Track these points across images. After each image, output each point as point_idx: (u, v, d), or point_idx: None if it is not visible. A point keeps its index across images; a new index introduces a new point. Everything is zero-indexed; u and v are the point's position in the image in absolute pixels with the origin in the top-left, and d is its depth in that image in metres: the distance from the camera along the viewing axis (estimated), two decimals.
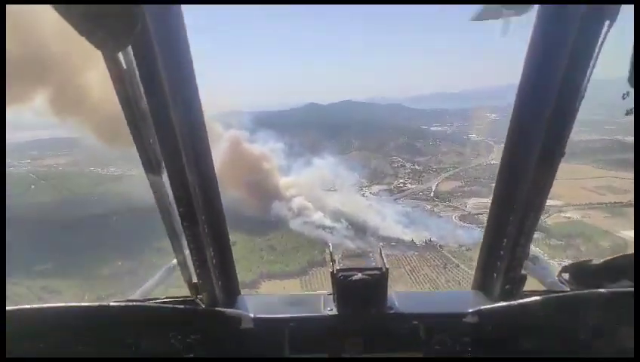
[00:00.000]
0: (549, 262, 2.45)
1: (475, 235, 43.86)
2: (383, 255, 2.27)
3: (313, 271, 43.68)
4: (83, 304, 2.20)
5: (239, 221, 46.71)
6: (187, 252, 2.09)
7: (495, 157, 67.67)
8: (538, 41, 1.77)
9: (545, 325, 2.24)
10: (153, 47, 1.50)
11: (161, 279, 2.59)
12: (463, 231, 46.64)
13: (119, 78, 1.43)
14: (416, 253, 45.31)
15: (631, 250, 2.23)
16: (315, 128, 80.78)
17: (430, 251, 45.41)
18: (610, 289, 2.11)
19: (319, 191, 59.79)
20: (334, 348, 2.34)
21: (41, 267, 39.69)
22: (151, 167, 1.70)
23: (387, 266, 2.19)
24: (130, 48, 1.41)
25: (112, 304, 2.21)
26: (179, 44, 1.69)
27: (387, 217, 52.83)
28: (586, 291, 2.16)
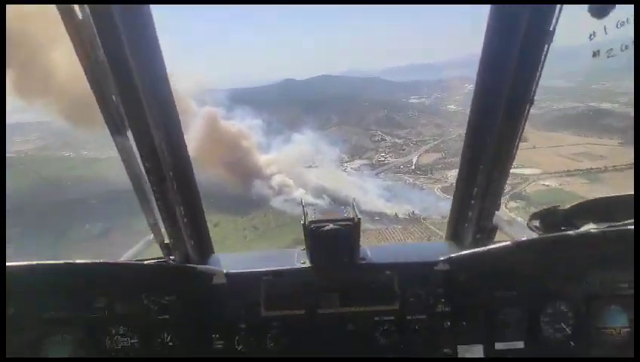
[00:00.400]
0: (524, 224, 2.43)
1: None
2: (355, 207, 2.25)
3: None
4: (50, 261, 2.11)
5: (221, 201, 45.65)
6: (158, 212, 2.04)
7: None
8: None
9: (516, 270, 2.30)
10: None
11: (138, 250, 2.55)
12: (446, 202, 46.66)
13: (76, 33, 1.41)
14: (399, 227, 45.28)
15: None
16: (292, 104, 79.59)
17: (414, 224, 45.39)
18: (577, 231, 2.11)
19: (300, 168, 59.08)
20: (310, 303, 2.33)
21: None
22: (115, 125, 1.68)
23: (359, 217, 2.17)
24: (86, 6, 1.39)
25: (80, 261, 2.13)
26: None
27: (369, 192, 52.51)
28: (554, 234, 2.19)
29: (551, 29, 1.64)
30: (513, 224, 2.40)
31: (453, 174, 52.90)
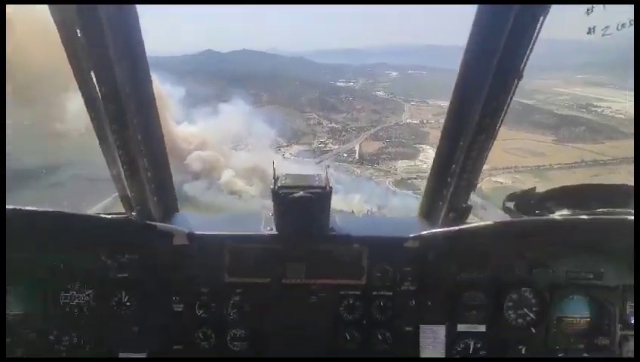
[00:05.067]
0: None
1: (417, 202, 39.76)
2: (328, 175, 2.18)
3: None
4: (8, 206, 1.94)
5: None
6: (120, 163, 1.98)
7: (410, 116, 67.25)
8: None
9: (485, 253, 2.31)
10: None
11: (105, 206, 2.63)
12: (400, 198, 42.48)
13: None
14: None
15: None
16: (216, 76, 70.66)
17: None
18: (551, 217, 2.15)
19: (233, 152, 49.78)
20: (275, 272, 2.30)
21: None
22: (77, 64, 1.63)
23: (331, 186, 2.10)
24: None
25: (31, 208, 1.96)
26: None
27: None
28: (527, 218, 2.23)
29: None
30: (486, 208, 2.77)
31: (401, 166, 50.11)
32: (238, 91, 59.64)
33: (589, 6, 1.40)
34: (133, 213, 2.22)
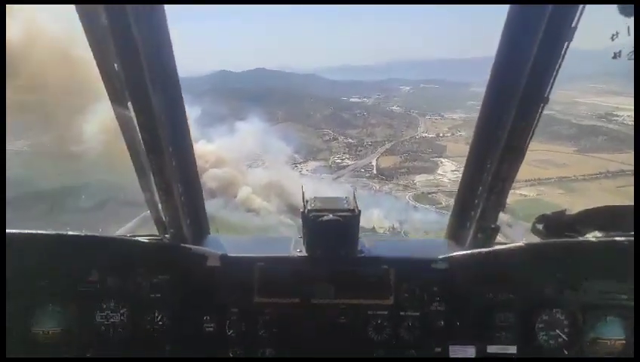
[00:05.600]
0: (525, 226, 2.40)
1: (439, 218, 39.25)
2: (356, 198, 2.26)
3: None
4: (44, 232, 2.11)
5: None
6: (155, 188, 2.03)
7: (425, 130, 66.88)
8: None
9: (515, 274, 2.27)
10: None
11: (134, 226, 3.49)
12: (423, 213, 41.61)
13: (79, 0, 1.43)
14: None
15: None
16: (232, 96, 71.45)
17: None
18: (581, 239, 2.11)
19: (249, 169, 50.11)
20: (304, 292, 2.34)
21: None
22: (115, 93, 1.69)
23: (360, 209, 2.17)
24: None
25: (72, 233, 2.16)
26: None
27: None
28: (557, 240, 2.19)
29: (573, 26, 1.59)
30: (512, 225, 2.50)
31: (420, 180, 49.39)
32: (253, 109, 60.19)
33: (615, 31, 1.37)
34: (167, 236, 2.27)
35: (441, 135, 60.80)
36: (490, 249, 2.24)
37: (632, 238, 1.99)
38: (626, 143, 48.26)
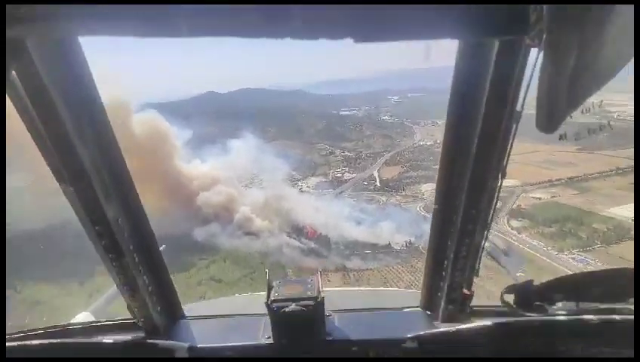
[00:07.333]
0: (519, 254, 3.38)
1: None
2: (320, 281, 2.23)
3: None
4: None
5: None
6: (120, 284, 2.07)
7: (420, 137, 66.76)
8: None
9: (485, 351, 2.25)
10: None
11: (109, 299, 2.63)
12: None
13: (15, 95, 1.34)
14: (399, 262, 36.78)
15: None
16: (222, 117, 70.06)
17: (417, 257, 36.53)
18: (548, 317, 2.11)
19: (245, 190, 47.70)
20: None
21: None
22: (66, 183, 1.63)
23: (323, 295, 2.16)
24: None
25: (33, 333, 2.16)
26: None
27: (343, 218, 43.57)
28: (525, 317, 2.16)
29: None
30: (509, 253, 2.41)
31: (427, 189, 47.68)
32: (245, 128, 58.68)
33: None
34: (142, 319, 2.25)
35: (438, 142, 59.60)
36: (459, 327, 2.17)
37: (601, 317, 1.99)
38: (627, 138, 47.67)
